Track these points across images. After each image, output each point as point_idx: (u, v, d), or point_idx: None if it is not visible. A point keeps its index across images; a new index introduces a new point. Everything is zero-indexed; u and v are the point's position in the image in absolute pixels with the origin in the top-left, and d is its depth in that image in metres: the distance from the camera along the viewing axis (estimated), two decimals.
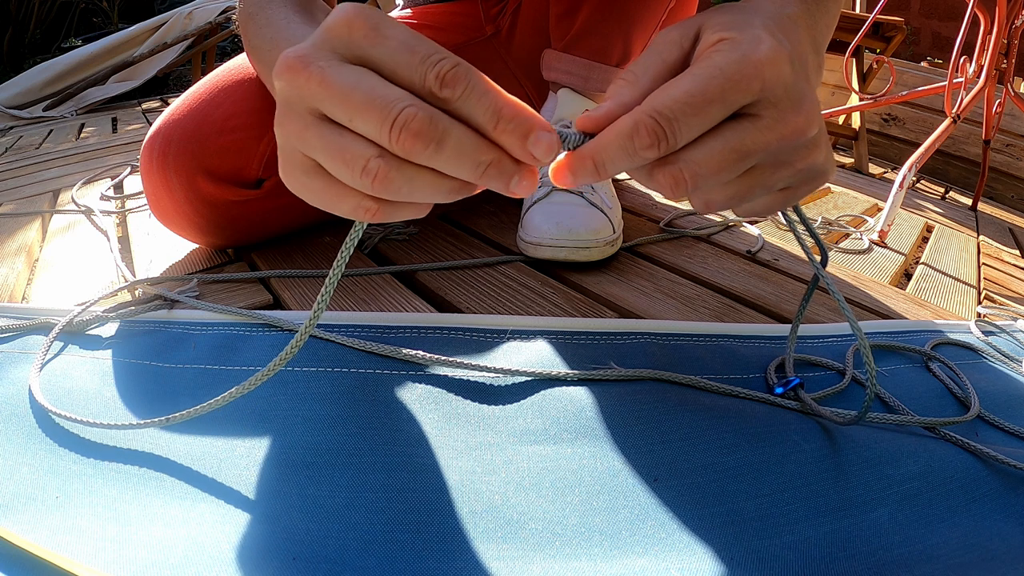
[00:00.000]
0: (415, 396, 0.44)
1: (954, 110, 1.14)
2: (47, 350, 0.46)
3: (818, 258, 0.39)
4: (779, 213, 0.36)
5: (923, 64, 2.05)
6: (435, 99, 0.26)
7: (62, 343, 0.48)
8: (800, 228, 0.40)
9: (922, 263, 0.89)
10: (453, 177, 0.28)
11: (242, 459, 0.38)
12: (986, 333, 0.63)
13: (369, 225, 0.76)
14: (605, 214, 0.69)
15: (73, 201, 0.93)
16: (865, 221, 1.00)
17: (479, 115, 0.26)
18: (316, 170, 0.30)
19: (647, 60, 0.31)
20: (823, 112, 1.53)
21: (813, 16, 0.35)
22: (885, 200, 0.96)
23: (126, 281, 0.62)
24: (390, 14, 0.88)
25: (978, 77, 1.20)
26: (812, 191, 0.34)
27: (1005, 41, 1.20)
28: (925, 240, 1.01)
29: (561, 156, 0.29)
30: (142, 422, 0.39)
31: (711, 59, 0.28)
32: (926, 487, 0.39)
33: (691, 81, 0.28)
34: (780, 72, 0.28)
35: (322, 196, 0.30)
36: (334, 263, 0.32)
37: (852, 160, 1.63)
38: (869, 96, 1.56)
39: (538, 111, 0.87)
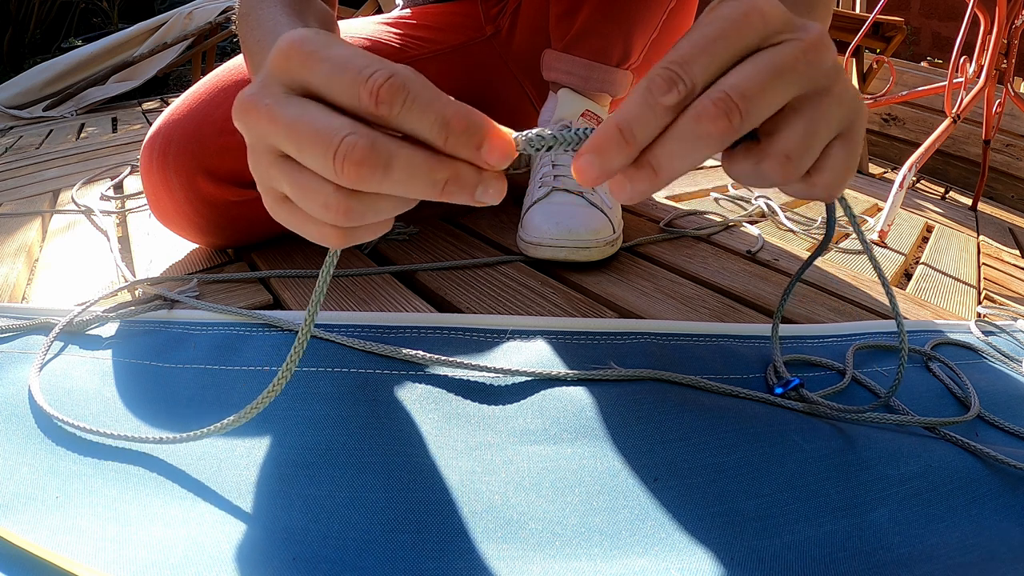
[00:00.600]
0: (415, 396, 0.44)
1: (954, 110, 1.14)
2: (47, 350, 0.46)
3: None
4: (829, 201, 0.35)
5: (923, 64, 2.06)
6: (376, 119, 0.25)
7: (62, 343, 0.48)
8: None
9: (922, 263, 0.89)
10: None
11: (242, 459, 0.38)
12: (986, 333, 0.63)
13: None
14: (605, 214, 0.69)
15: (73, 201, 0.93)
16: (865, 221, 1.00)
17: (424, 131, 0.25)
18: (285, 200, 0.30)
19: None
20: None
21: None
22: (885, 200, 0.96)
23: (126, 281, 0.62)
24: (390, 14, 0.88)
25: (978, 77, 1.20)
26: (863, 133, 0.32)
27: (1005, 41, 1.20)
28: (925, 240, 1.01)
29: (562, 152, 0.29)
30: (162, 436, 0.39)
31: (712, 12, 0.28)
32: (926, 487, 0.39)
33: (694, 30, 0.27)
34: (778, 8, 0.27)
35: (293, 223, 0.30)
36: (315, 288, 0.32)
37: None
38: (869, 96, 1.56)
39: (538, 111, 0.87)
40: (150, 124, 1.47)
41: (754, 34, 0.27)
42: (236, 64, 0.67)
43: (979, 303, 0.77)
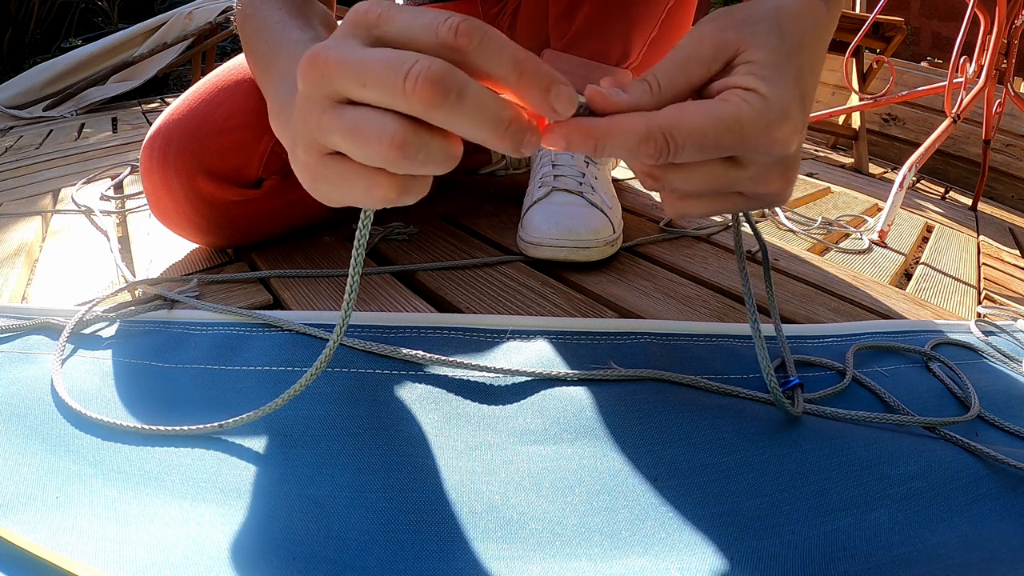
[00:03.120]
0: (415, 396, 0.44)
1: (954, 110, 1.14)
2: (63, 351, 0.46)
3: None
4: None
5: (923, 64, 2.05)
6: (452, 52, 0.26)
7: (65, 343, 0.48)
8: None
9: (922, 263, 0.89)
10: (458, 144, 0.28)
11: (242, 459, 0.38)
12: (986, 333, 0.63)
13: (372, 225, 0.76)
14: (605, 214, 0.69)
15: (73, 201, 0.93)
16: (865, 221, 1.00)
17: (499, 67, 0.26)
18: (330, 158, 0.30)
19: (674, 76, 0.31)
20: (823, 112, 1.54)
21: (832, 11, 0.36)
22: (885, 200, 0.96)
23: (126, 281, 0.62)
24: None
25: (978, 77, 1.20)
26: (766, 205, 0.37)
27: (1005, 41, 1.20)
28: (925, 240, 1.01)
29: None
30: (193, 428, 0.39)
31: (738, 111, 0.29)
32: (926, 487, 0.39)
33: (711, 123, 0.29)
34: (786, 147, 0.30)
35: (337, 182, 0.30)
36: (352, 255, 0.33)
37: (852, 160, 1.63)
38: (869, 96, 1.56)
39: None
40: (150, 124, 1.47)
41: (749, 154, 0.30)
42: (236, 64, 0.67)
43: (979, 303, 0.77)
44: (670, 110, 0.29)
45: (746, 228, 0.88)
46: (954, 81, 1.16)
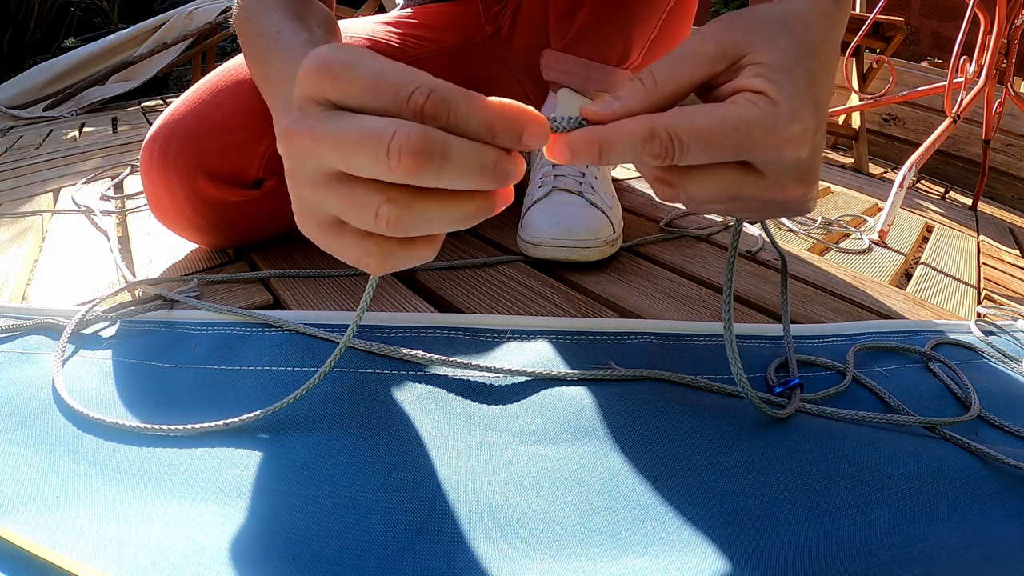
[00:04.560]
0: (415, 396, 0.44)
1: (954, 110, 1.14)
2: (64, 350, 0.46)
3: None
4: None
5: (923, 64, 2.05)
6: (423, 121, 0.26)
7: (64, 343, 0.48)
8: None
9: (922, 263, 0.89)
10: (465, 201, 0.28)
11: (242, 459, 0.38)
12: (986, 333, 0.63)
13: None
14: (605, 214, 0.69)
15: (73, 201, 0.93)
16: (865, 221, 1.00)
17: (472, 132, 0.26)
18: (334, 226, 0.30)
19: (673, 71, 0.30)
20: None
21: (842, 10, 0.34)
22: (885, 200, 0.96)
23: (126, 281, 0.62)
24: (391, 13, 0.88)
25: (978, 77, 1.20)
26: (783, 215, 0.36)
27: (1005, 41, 1.20)
28: (925, 240, 1.01)
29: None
30: (202, 426, 0.39)
31: (745, 111, 0.28)
32: (926, 487, 0.39)
33: (717, 122, 0.28)
34: (799, 152, 0.29)
35: (344, 250, 0.30)
36: (363, 295, 0.34)
37: (852, 160, 1.63)
38: (869, 96, 1.56)
39: (538, 111, 0.87)
40: (150, 124, 1.47)
41: (759, 160, 0.29)
42: (236, 64, 0.67)
43: (979, 303, 0.77)
44: (675, 110, 0.29)
45: (749, 229, 0.88)
46: (954, 81, 1.16)
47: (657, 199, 0.98)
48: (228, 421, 0.39)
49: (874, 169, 1.64)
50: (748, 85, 0.29)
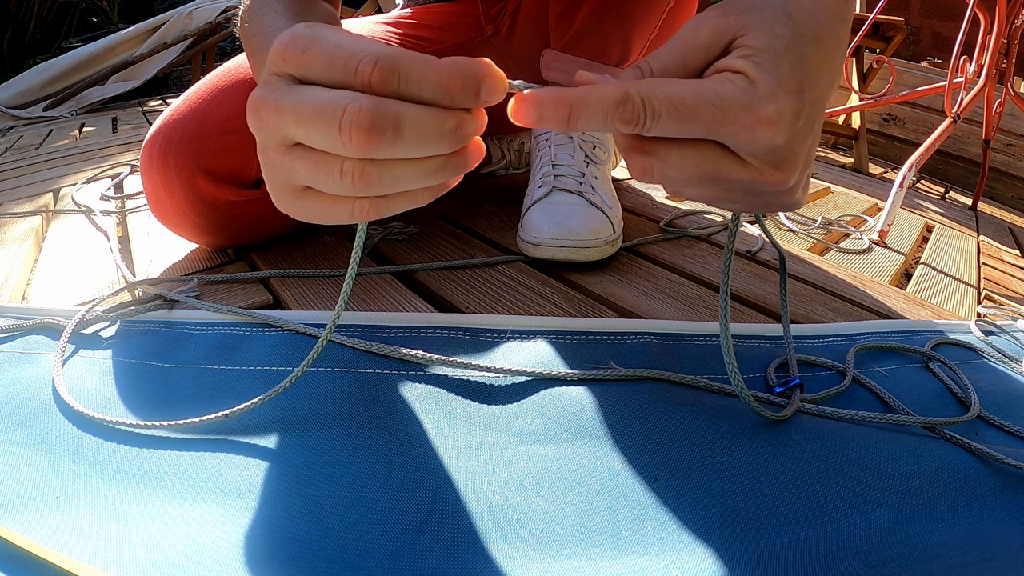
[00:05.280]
0: (415, 396, 0.44)
1: (954, 110, 1.14)
2: (64, 350, 0.46)
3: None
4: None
5: (923, 64, 2.05)
6: (376, 92, 0.26)
7: (63, 343, 0.48)
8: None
9: (922, 263, 0.89)
10: (430, 159, 0.28)
11: (242, 459, 0.38)
12: (986, 333, 0.63)
13: (369, 225, 0.76)
14: (605, 214, 0.69)
15: (73, 201, 0.93)
16: (865, 221, 1.00)
17: (428, 96, 0.26)
18: (304, 192, 0.30)
19: (669, 59, 0.30)
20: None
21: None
22: (885, 200, 0.96)
23: (126, 281, 0.62)
24: (391, 13, 0.88)
25: (978, 77, 1.20)
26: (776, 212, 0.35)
27: (1005, 41, 1.20)
28: (925, 240, 1.01)
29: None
30: (185, 422, 0.39)
31: (721, 87, 0.28)
32: (926, 487, 0.39)
33: (690, 92, 0.27)
34: (773, 135, 0.28)
35: (318, 213, 0.31)
36: (349, 267, 0.34)
37: (852, 160, 1.63)
38: (869, 96, 1.56)
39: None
40: (150, 124, 1.47)
41: (732, 142, 0.28)
42: (236, 64, 0.67)
43: (979, 303, 0.77)
44: (650, 78, 0.28)
45: (749, 229, 0.88)
46: (954, 81, 1.16)
47: (664, 199, 0.98)
48: (226, 412, 0.39)
49: (874, 169, 1.64)
50: (730, 65, 0.28)
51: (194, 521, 0.33)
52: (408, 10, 0.89)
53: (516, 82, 0.28)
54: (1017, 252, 1.10)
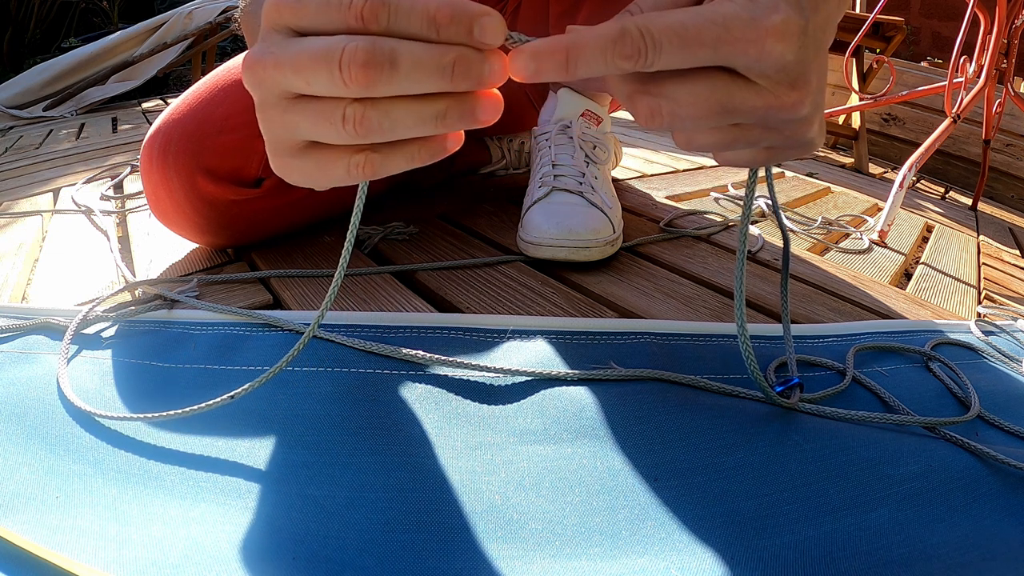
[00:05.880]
0: (415, 396, 0.44)
1: (954, 110, 1.14)
2: (67, 351, 0.46)
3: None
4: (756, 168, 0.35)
5: (923, 64, 2.05)
6: (367, 31, 0.26)
7: (62, 343, 0.48)
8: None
9: (922, 263, 0.89)
10: (432, 100, 0.27)
11: (242, 459, 0.38)
12: (986, 333, 0.63)
13: (370, 225, 0.76)
14: (605, 214, 0.69)
15: (73, 201, 0.93)
16: (865, 221, 1.00)
17: (417, 31, 0.26)
18: (304, 150, 0.30)
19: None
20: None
21: None
22: (885, 200, 0.96)
23: (126, 281, 0.62)
24: None
25: (978, 77, 1.20)
26: (797, 156, 0.33)
27: (1005, 41, 1.20)
28: (925, 240, 1.01)
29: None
30: (180, 411, 0.39)
31: (721, 7, 0.26)
32: (926, 487, 0.39)
33: (690, 17, 0.26)
34: (783, 48, 0.27)
35: (316, 170, 0.30)
36: (345, 241, 0.34)
37: (852, 160, 1.63)
38: (869, 96, 1.56)
39: (538, 111, 0.87)
40: (150, 124, 1.47)
41: (741, 61, 0.27)
42: (236, 64, 0.67)
43: (979, 303, 0.77)
44: (646, 13, 0.27)
45: (751, 230, 0.88)
46: (954, 81, 1.16)
47: (664, 199, 0.98)
48: (232, 394, 0.39)
49: (874, 169, 1.64)
50: None
51: (194, 521, 0.33)
52: None
53: (515, 33, 0.28)
54: (1017, 252, 1.10)
